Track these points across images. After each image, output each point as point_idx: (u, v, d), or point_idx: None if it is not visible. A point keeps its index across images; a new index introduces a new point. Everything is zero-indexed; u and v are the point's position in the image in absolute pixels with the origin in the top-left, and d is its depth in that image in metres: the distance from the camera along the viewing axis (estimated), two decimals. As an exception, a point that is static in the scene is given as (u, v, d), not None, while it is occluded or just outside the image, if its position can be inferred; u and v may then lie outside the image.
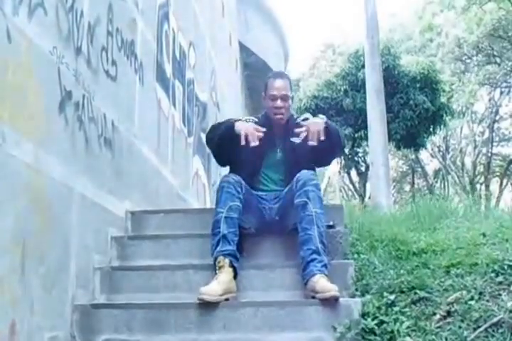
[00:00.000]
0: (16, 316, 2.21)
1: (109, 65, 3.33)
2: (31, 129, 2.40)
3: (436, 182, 24.40)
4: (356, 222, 3.82)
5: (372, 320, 2.61)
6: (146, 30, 4.10)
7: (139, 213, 3.64)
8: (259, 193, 3.29)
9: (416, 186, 24.34)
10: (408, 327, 2.58)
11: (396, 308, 2.69)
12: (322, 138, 3.06)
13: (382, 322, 2.61)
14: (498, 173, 23.57)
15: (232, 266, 2.90)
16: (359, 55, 13.46)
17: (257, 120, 3.35)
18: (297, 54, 28.38)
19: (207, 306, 2.70)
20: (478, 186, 22.52)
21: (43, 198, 2.49)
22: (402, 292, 2.82)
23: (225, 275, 2.85)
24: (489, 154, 22.56)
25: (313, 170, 3.23)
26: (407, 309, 2.70)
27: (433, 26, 18.41)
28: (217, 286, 2.77)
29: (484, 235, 3.41)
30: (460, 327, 2.56)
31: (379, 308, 2.68)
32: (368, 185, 18.67)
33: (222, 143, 3.22)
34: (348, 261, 3.06)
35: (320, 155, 3.29)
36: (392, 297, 2.75)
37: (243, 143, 3.05)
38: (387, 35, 17.44)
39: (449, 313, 2.67)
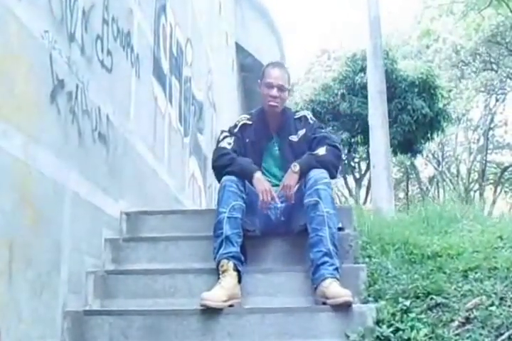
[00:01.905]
0: (2, 324, 2.07)
1: (104, 54, 3.17)
2: (19, 119, 2.23)
3: (431, 188, 24.42)
4: (365, 225, 3.68)
5: (388, 327, 2.50)
6: (143, 21, 3.95)
7: (134, 214, 3.51)
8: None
9: (410, 193, 24.32)
10: (425, 335, 2.46)
11: (412, 315, 2.58)
12: (290, 192, 2.95)
13: (397, 329, 2.50)
14: (492, 181, 23.62)
15: (236, 269, 2.77)
16: (356, 59, 13.49)
17: (249, 116, 3.27)
18: (292, 59, 28.44)
19: (210, 313, 2.59)
20: (472, 193, 22.51)
21: (33, 195, 2.33)
22: (418, 297, 2.71)
23: (229, 279, 2.72)
24: (484, 161, 22.56)
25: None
26: (423, 315, 2.59)
27: (431, 32, 18.40)
28: (220, 291, 2.64)
29: (501, 238, 3.31)
30: (481, 335, 2.46)
31: (394, 315, 2.57)
32: (363, 190, 18.65)
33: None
34: (360, 265, 2.95)
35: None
36: (407, 303, 2.64)
37: (262, 199, 2.92)
38: (384, 39, 17.41)
39: (468, 320, 2.56)
